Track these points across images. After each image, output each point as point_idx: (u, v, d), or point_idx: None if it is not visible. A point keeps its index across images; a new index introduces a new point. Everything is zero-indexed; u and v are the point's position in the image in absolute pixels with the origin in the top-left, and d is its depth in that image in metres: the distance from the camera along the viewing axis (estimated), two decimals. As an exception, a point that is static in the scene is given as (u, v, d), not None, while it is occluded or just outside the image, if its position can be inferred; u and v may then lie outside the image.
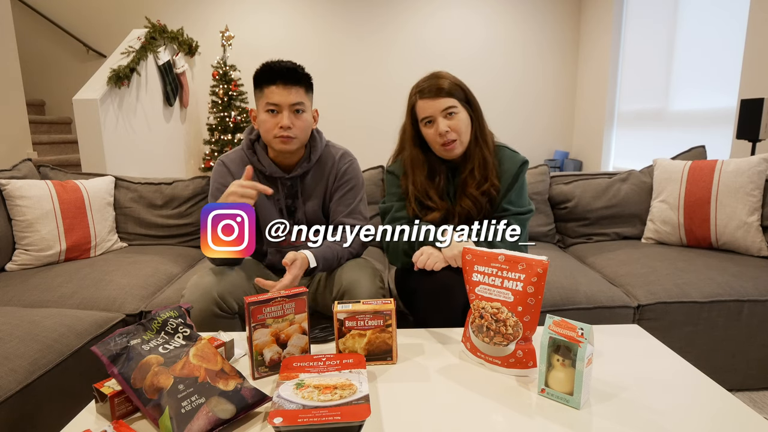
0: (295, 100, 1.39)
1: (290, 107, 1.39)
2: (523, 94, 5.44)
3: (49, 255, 1.88)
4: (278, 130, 1.40)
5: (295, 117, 1.40)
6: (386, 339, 1.04)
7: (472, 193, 1.43)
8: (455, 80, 1.41)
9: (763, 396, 1.69)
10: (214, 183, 1.52)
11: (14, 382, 1.13)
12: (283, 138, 1.41)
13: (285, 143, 1.42)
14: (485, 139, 1.45)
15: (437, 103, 1.36)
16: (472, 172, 1.43)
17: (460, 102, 1.39)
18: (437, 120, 1.37)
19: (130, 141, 3.70)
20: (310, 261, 1.36)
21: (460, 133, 1.39)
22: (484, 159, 1.43)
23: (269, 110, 1.40)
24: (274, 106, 1.39)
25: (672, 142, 3.90)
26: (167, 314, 0.95)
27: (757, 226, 1.88)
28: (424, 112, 1.38)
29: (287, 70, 1.39)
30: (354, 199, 1.54)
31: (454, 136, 1.38)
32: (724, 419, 0.85)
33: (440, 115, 1.37)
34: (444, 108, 1.36)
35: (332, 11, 5.24)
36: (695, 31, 3.64)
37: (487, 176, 1.43)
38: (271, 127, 1.41)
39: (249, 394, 0.86)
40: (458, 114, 1.38)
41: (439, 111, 1.37)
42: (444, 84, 1.37)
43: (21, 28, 5.04)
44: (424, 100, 1.38)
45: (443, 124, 1.37)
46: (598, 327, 1.23)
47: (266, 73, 1.39)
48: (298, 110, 1.41)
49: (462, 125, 1.39)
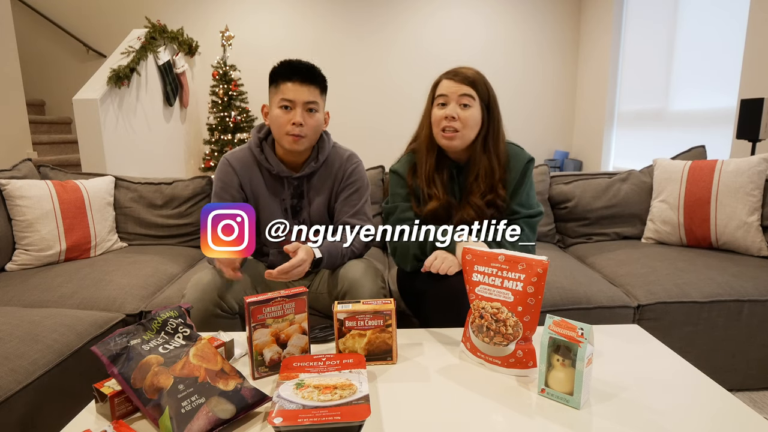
0: (309, 98, 1.40)
1: (304, 105, 1.40)
2: (523, 94, 5.44)
3: (49, 255, 1.88)
4: (290, 127, 1.40)
5: (307, 115, 1.41)
6: (386, 339, 1.04)
7: (475, 202, 1.42)
8: (484, 79, 1.41)
9: (763, 396, 1.69)
10: (218, 182, 1.52)
11: (14, 382, 1.13)
12: (294, 137, 1.41)
13: (295, 142, 1.42)
14: (496, 149, 1.43)
15: (457, 87, 1.37)
16: (477, 180, 1.42)
17: (480, 99, 1.39)
18: (450, 103, 1.37)
19: (130, 141, 3.70)
20: (315, 252, 1.37)
21: (465, 126, 1.38)
22: (491, 169, 1.42)
23: (283, 106, 1.40)
24: (289, 102, 1.40)
25: (672, 142, 3.90)
26: (167, 314, 0.95)
27: (757, 226, 1.88)
28: (442, 90, 1.39)
29: (305, 68, 1.41)
30: (359, 200, 1.54)
31: (459, 126, 1.37)
32: (724, 419, 0.85)
33: (455, 100, 1.37)
34: (461, 94, 1.36)
35: (332, 11, 5.24)
36: (695, 31, 3.63)
37: (493, 185, 1.42)
38: (284, 123, 1.41)
39: (249, 394, 0.86)
40: (472, 108, 1.38)
41: (456, 95, 1.37)
42: (470, 74, 1.38)
43: (21, 28, 5.03)
44: (447, 80, 1.39)
45: (454, 108, 1.37)
46: (598, 327, 1.23)
47: (284, 68, 1.41)
48: (311, 109, 1.42)
49: (471, 120, 1.38)
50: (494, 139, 1.43)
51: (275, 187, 1.52)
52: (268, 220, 1.53)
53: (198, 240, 2.23)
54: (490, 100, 1.41)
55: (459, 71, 1.39)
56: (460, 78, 1.37)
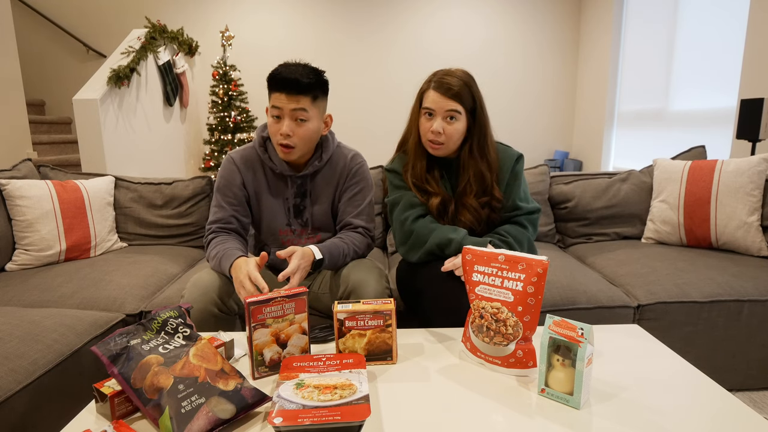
0: (295, 107, 1.36)
1: (291, 114, 1.37)
2: (523, 94, 5.45)
3: (49, 255, 1.88)
4: (279, 137, 1.39)
5: (295, 125, 1.38)
6: (386, 339, 1.04)
7: (471, 204, 1.44)
8: (470, 85, 1.40)
9: (763, 396, 1.69)
10: (221, 178, 1.51)
11: (14, 382, 1.13)
12: (283, 147, 1.40)
13: (284, 153, 1.41)
14: (485, 153, 1.45)
15: (444, 102, 1.37)
16: (470, 183, 1.45)
17: (465, 110, 1.39)
18: (437, 117, 1.39)
19: (130, 141, 3.70)
20: (315, 253, 1.36)
21: (449, 140, 1.41)
22: (481, 172, 1.44)
23: (274, 115, 1.40)
24: (278, 111, 1.38)
25: (672, 142, 3.90)
26: (167, 314, 0.95)
27: (757, 226, 1.88)
28: (429, 103, 1.40)
29: (291, 80, 1.34)
30: (363, 200, 1.54)
31: (443, 139, 1.40)
32: (724, 419, 0.85)
33: (441, 115, 1.39)
34: (448, 109, 1.38)
35: (332, 11, 5.24)
36: (695, 31, 3.64)
37: (486, 188, 1.45)
38: (274, 132, 1.40)
39: (249, 394, 0.86)
40: (457, 122, 1.39)
41: (443, 110, 1.38)
42: (456, 85, 1.37)
43: (21, 28, 5.05)
44: (435, 93, 1.39)
45: (440, 124, 1.38)
46: (598, 327, 1.23)
47: (274, 78, 1.37)
48: (301, 119, 1.38)
49: (455, 134, 1.40)
50: (480, 144, 1.44)
51: (278, 186, 1.52)
52: (272, 220, 1.53)
53: (198, 240, 2.24)
54: (476, 106, 1.42)
55: (444, 81, 1.38)
56: (446, 92, 1.37)
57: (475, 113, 1.42)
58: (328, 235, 1.57)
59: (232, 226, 1.49)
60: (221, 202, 1.49)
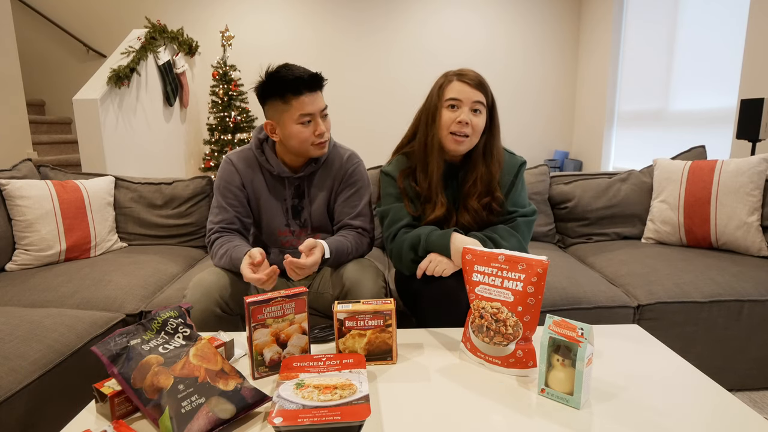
0: (322, 105, 1.40)
1: (320, 113, 1.40)
2: (523, 94, 5.45)
3: (49, 255, 1.88)
4: (315, 138, 1.40)
5: (323, 121, 1.42)
6: (386, 339, 1.04)
7: (473, 206, 1.42)
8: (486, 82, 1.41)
9: (763, 396, 1.69)
10: (220, 179, 1.51)
11: (14, 382, 1.13)
12: (321, 144, 1.43)
13: (323, 147, 1.44)
14: (493, 156, 1.43)
15: (471, 92, 1.35)
16: (475, 183, 1.42)
17: (487, 104, 1.39)
18: (464, 108, 1.36)
19: (130, 141, 3.70)
20: (325, 251, 1.37)
21: (474, 133, 1.37)
22: (490, 173, 1.42)
23: (303, 122, 1.37)
24: (310, 116, 1.37)
25: (672, 142, 3.90)
26: (167, 314, 0.95)
27: (757, 226, 1.88)
28: (456, 93, 1.36)
29: (311, 77, 1.35)
30: (360, 201, 1.54)
31: (470, 131, 1.36)
32: (724, 419, 0.85)
33: (468, 105, 1.36)
34: (475, 100, 1.36)
35: (332, 11, 5.24)
36: (695, 31, 3.64)
37: (490, 189, 1.43)
38: (308, 136, 1.39)
39: (249, 394, 0.86)
40: (481, 115, 1.38)
41: (470, 100, 1.35)
42: (483, 80, 1.38)
43: (21, 28, 5.05)
44: (462, 84, 1.36)
45: (467, 114, 1.35)
46: (598, 327, 1.23)
47: (291, 83, 1.33)
48: (325, 114, 1.43)
49: (479, 127, 1.38)
50: (493, 143, 1.43)
51: (276, 188, 1.52)
52: (271, 220, 1.53)
53: (198, 240, 2.24)
54: (493, 104, 1.42)
55: (472, 76, 1.37)
56: (473, 82, 1.36)
57: (492, 111, 1.42)
58: (327, 235, 1.56)
59: (235, 227, 1.49)
60: (222, 203, 1.49)
